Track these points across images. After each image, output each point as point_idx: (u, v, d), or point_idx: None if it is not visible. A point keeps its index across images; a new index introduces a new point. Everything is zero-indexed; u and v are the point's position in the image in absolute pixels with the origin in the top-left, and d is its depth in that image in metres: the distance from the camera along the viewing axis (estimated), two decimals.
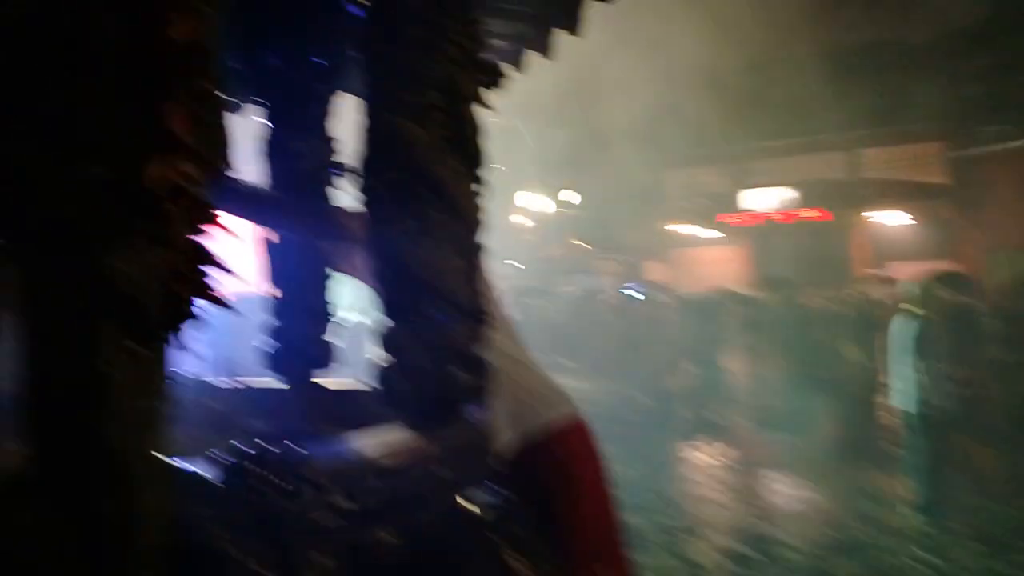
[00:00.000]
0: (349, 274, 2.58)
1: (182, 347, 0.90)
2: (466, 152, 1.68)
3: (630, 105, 15.78)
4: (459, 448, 1.57)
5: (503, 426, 2.23)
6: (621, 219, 20.18)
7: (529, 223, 22.33)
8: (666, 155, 18.37)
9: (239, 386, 2.53)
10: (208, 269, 0.89)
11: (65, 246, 0.79)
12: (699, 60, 14.14)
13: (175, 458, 0.99)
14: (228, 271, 0.93)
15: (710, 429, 10.38)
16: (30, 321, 0.84)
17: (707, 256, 20.12)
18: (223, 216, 0.93)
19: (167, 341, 0.88)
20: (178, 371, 1.03)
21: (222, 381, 2.58)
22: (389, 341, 1.69)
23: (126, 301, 0.81)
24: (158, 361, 0.88)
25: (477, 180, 1.72)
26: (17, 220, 0.81)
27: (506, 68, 2.53)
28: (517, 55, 2.54)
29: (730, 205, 19.64)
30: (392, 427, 1.63)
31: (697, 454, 9.62)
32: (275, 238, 2.52)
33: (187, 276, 0.88)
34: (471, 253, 1.69)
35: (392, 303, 1.67)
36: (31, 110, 0.79)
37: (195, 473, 1.02)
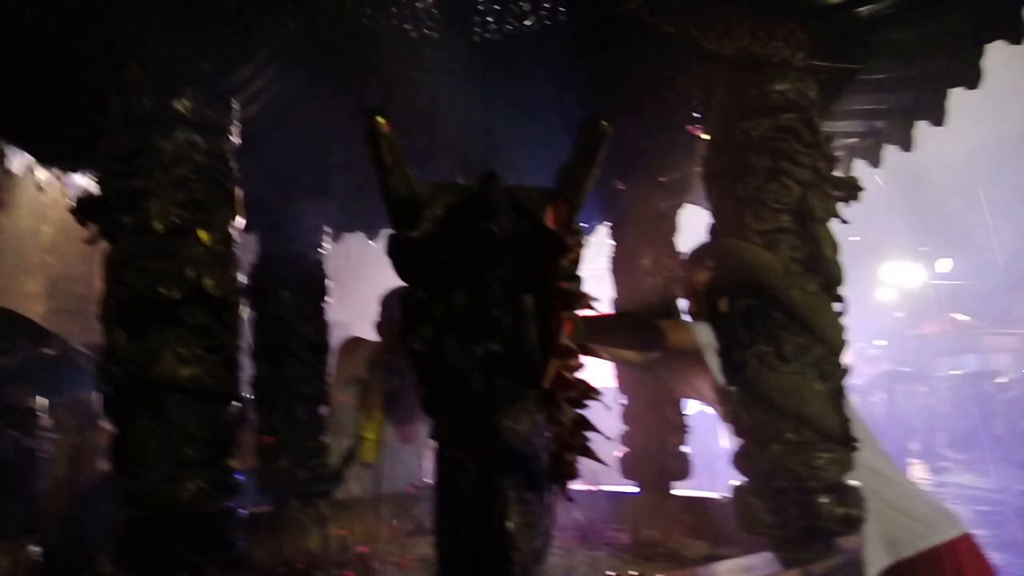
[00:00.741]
0: (691, 397, 2.63)
1: (568, 498, 1.04)
2: (823, 272, 1.65)
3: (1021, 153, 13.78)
4: None
5: (876, 551, 2.07)
6: (1016, 288, 17.50)
7: (896, 297, 20.33)
8: None
9: (596, 490, 2.67)
10: (587, 435, 1.03)
11: (471, 412, 0.97)
12: None
13: None
14: (606, 436, 1.07)
15: None
16: (441, 472, 1.02)
17: None
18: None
19: (554, 492, 1.02)
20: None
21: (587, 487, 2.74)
22: (747, 464, 1.68)
23: (521, 459, 0.96)
24: (546, 507, 1.01)
25: (837, 300, 1.68)
26: (435, 390, 1.01)
27: (861, 164, 2.44)
28: (875, 150, 2.44)
29: None
30: (754, 552, 1.61)
31: None
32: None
33: (571, 443, 1.02)
34: (834, 376, 1.64)
35: (749, 427, 1.67)
36: (447, 303, 0.98)
37: None
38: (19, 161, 2.29)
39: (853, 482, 1.63)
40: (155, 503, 1.56)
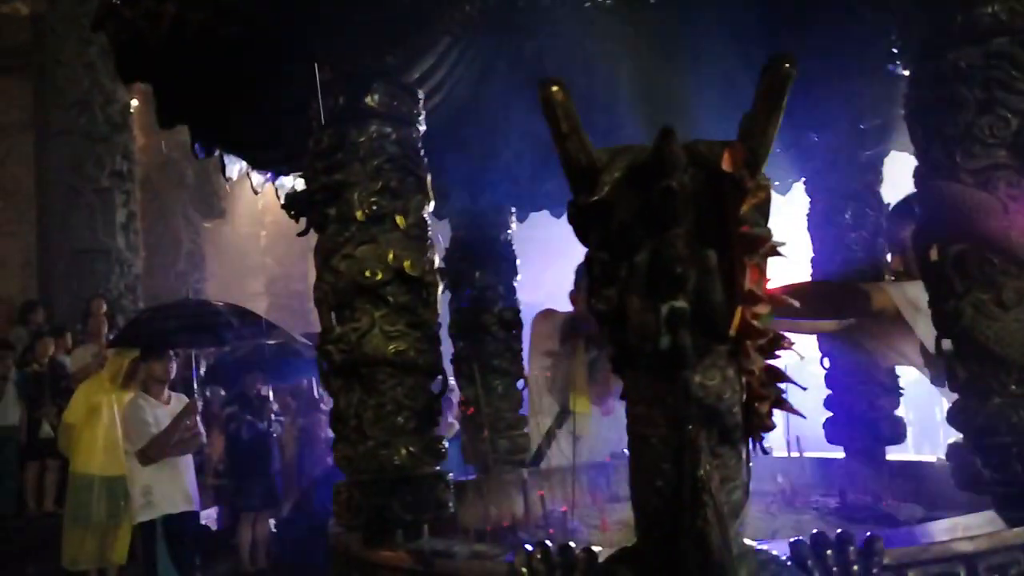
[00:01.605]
0: (895, 362, 2.46)
1: (765, 451, 1.02)
2: None
3: None
4: None
5: None
6: None
7: None
8: None
9: (800, 456, 2.57)
10: (782, 386, 1.00)
11: (660, 369, 0.97)
12: None
13: (755, 540, 1.09)
14: (800, 386, 1.04)
15: None
16: (633, 430, 1.04)
17: None
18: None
19: (750, 445, 1.00)
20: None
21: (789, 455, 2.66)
22: (964, 420, 1.56)
23: (712, 414, 0.95)
24: (742, 461, 1.00)
25: None
26: (623, 350, 1.02)
27: None
28: None
29: None
30: (975, 511, 1.50)
31: None
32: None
33: (763, 394, 0.99)
34: None
35: (965, 381, 1.55)
36: (631, 263, 0.99)
37: (773, 556, 1.10)
38: (235, 168, 2.54)
39: None
40: (372, 467, 1.71)
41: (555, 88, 1.06)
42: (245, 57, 1.91)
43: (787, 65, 0.98)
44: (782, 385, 1.03)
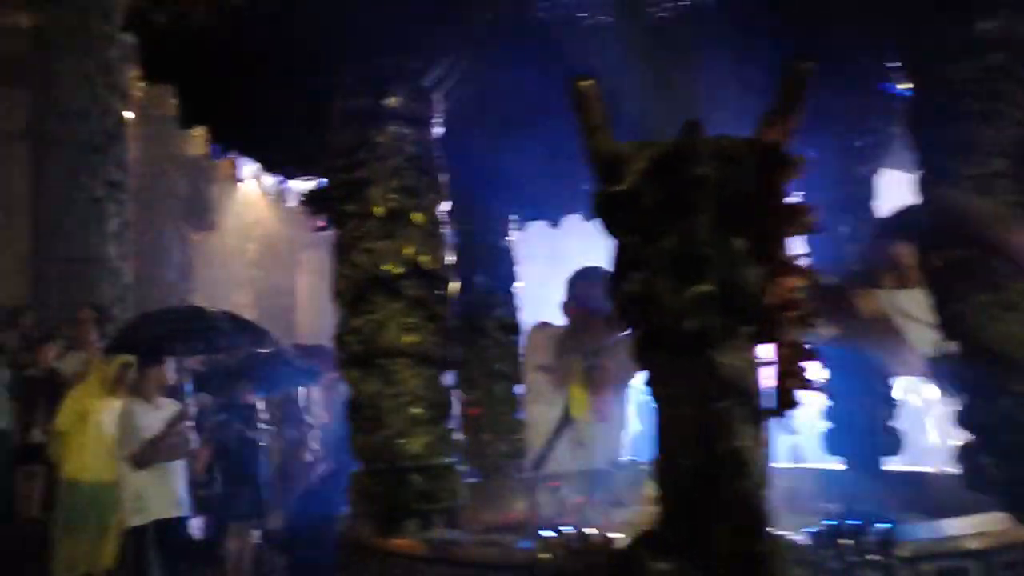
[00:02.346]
0: (895, 370, 2.51)
1: (789, 431, 1.07)
2: None
3: None
4: None
5: None
6: None
7: None
8: None
9: (803, 468, 2.62)
10: (808, 365, 1.05)
11: (686, 349, 1.01)
12: None
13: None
14: (825, 366, 1.09)
15: None
16: (658, 411, 1.08)
17: None
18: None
19: (775, 424, 1.05)
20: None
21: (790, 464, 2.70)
22: (972, 420, 1.61)
23: (737, 395, 0.99)
24: (761, 443, 1.04)
25: None
26: (649, 332, 1.06)
27: None
28: None
29: None
30: (987, 512, 1.54)
31: None
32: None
33: (792, 372, 1.04)
34: None
35: (971, 382, 1.60)
36: (658, 248, 1.04)
37: (795, 540, 1.13)
38: (244, 171, 2.58)
39: None
40: (387, 457, 1.74)
41: (587, 84, 1.11)
42: (268, 61, 1.96)
43: (804, 66, 1.04)
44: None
